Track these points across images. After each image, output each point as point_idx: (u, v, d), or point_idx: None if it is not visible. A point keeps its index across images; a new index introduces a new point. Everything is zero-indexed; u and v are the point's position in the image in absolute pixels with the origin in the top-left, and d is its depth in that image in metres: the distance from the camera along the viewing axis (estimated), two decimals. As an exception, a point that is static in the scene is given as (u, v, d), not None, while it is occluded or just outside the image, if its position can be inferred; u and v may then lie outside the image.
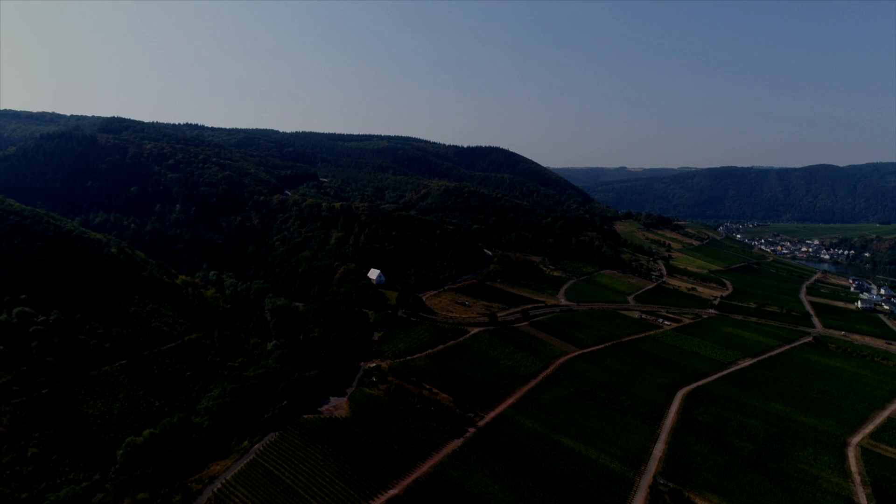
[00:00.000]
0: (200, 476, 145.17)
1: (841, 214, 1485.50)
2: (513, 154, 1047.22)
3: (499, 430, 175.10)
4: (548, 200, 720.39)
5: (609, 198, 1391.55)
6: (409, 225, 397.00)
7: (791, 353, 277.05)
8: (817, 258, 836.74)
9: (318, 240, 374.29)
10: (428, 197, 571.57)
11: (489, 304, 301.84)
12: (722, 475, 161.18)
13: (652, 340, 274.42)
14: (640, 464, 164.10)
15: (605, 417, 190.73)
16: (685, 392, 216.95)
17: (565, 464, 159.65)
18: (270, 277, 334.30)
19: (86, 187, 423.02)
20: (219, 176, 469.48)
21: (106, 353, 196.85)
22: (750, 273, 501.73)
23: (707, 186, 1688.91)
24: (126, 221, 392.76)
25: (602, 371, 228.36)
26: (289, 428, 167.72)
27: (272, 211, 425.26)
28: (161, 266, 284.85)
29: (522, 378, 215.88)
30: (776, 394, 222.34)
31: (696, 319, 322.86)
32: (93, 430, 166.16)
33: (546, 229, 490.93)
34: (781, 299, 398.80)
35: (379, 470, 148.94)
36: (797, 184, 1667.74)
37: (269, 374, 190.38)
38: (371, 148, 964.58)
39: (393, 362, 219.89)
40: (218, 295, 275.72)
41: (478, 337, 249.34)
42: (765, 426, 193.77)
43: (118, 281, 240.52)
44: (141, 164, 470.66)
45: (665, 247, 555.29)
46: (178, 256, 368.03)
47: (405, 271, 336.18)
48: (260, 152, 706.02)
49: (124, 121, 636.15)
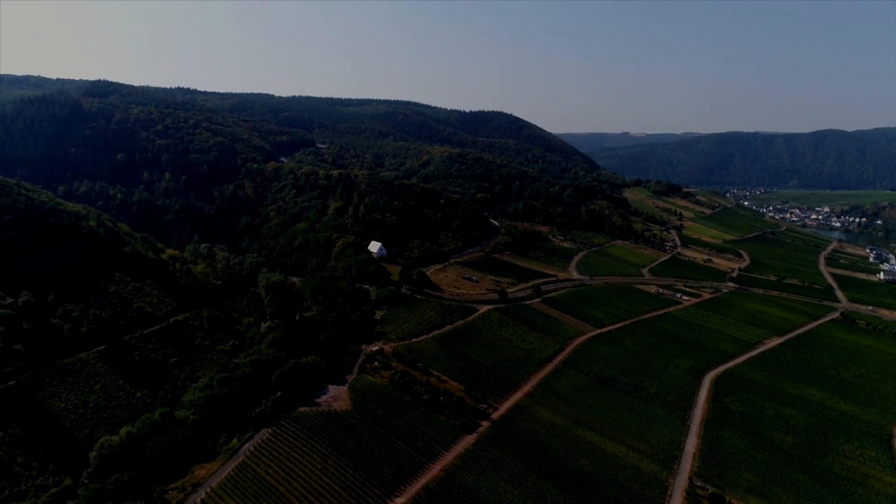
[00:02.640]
0: (183, 483, 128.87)
1: (848, 181, 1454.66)
2: (517, 119, 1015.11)
3: (515, 424, 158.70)
4: (554, 167, 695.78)
5: (612, 164, 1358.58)
6: (411, 194, 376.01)
7: (819, 331, 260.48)
8: (827, 226, 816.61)
9: (316, 210, 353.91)
10: (430, 164, 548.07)
11: (498, 279, 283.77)
12: (764, 475, 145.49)
13: (672, 318, 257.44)
14: (673, 462, 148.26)
15: (630, 407, 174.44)
16: (713, 376, 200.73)
17: (591, 463, 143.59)
18: (265, 251, 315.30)
19: (69, 154, 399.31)
20: (210, 142, 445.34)
21: (82, 339, 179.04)
22: (765, 243, 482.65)
23: (712, 152, 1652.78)
24: (112, 191, 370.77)
25: (623, 354, 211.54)
26: (283, 424, 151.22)
27: (266, 179, 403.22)
28: (146, 240, 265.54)
29: (537, 362, 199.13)
30: (810, 378, 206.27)
31: (716, 294, 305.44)
32: (65, 427, 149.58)
33: (554, 198, 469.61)
34: (801, 271, 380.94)
35: (384, 474, 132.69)
36: (804, 149, 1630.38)
37: (262, 362, 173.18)
38: (370, 113, 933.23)
39: (397, 345, 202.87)
40: (208, 271, 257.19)
41: (488, 316, 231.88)
42: (803, 416, 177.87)
43: (97, 257, 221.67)
44: (127, 130, 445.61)
45: (676, 215, 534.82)
46: (167, 228, 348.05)
47: (408, 244, 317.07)
48: (254, 117, 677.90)
49: (110, 84, 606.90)
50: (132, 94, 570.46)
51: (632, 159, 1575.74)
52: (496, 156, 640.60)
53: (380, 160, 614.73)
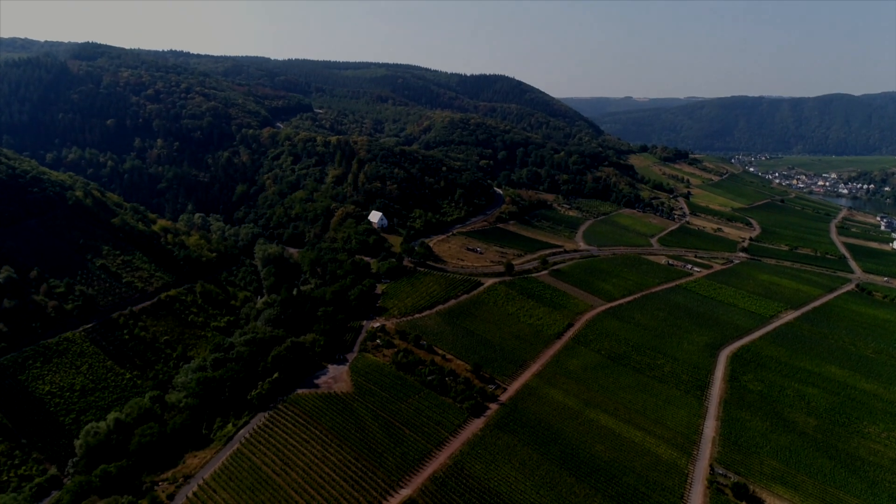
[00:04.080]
0: (174, 473, 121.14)
1: (854, 146, 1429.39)
2: (519, 83, 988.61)
3: (525, 407, 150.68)
4: (558, 133, 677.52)
5: (616, 129, 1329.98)
6: (412, 161, 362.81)
7: (835, 303, 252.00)
8: (835, 193, 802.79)
9: (313, 178, 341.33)
10: (431, 129, 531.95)
11: (503, 250, 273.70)
12: (787, 461, 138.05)
13: (684, 291, 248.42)
14: (692, 447, 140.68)
15: (645, 387, 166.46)
16: (729, 353, 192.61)
17: (606, 450, 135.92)
18: (261, 220, 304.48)
19: (56, 120, 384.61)
20: (203, 107, 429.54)
21: (67, 317, 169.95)
22: (775, 211, 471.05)
23: (716, 117, 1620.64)
24: (102, 158, 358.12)
25: (634, 329, 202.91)
26: (280, 408, 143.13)
27: (262, 146, 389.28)
28: (136, 210, 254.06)
29: (546, 339, 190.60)
30: (829, 354, 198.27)
31: (728, 265, 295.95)
32: (49, 412, 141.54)
33: (559, 165, 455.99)
34: (813, 240, 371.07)
35: (388, 463, 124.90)
36: (810, 114, 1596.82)
37: (258, 341, 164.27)
38: (368, 77, 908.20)
39: (399, 321, 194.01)
40: (202, 242, 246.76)
41: (493, 290, 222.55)
42: (825, 396, 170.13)
43: (84, 229, 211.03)
44: (117, 95, 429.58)
45: (684, 182, 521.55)
46: (160, 197, 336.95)
47: (409, 214, 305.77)
48: (249, 81, 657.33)
49: (99, 46, 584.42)
50: (122, 57, 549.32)
51: (635, 124, 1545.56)
52: (499, 121, 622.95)
53: (379, 125, 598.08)
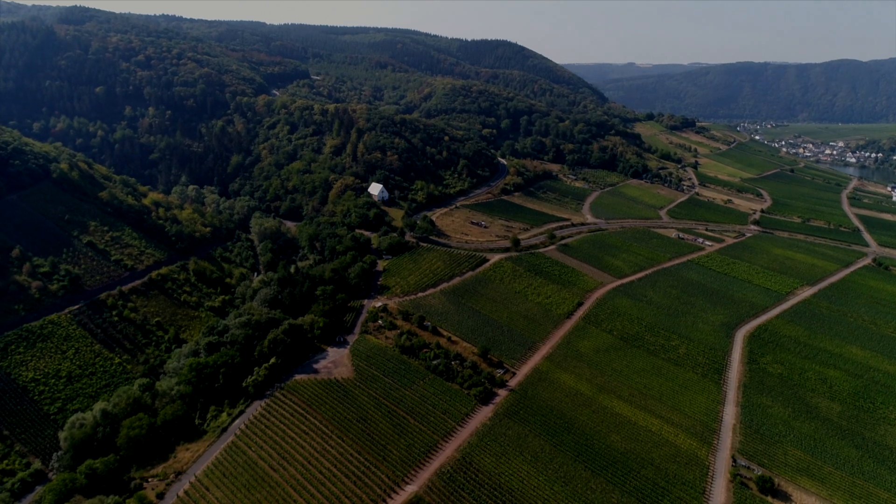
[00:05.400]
0: (165, 469, 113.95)
1: (860, 114, 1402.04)
2: (522, 49, 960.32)
3: (536, 394, 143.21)
4: (562, 100, 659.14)
5: (618, 96, 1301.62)
6: (413, 131, 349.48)
7: (852, 279, 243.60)
8: (842, 162, 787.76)
9: (311, 148, 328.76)
10: (432, 97, 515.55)
11: (508, 224, 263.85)
12: (812, 450, 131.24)
13: (696, 266, 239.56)
14: (712, 436, 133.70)
15: (660, 371, 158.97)
16: (746, 333, 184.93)
17: (622, 440, 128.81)
18: (257, 193, 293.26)
19: (44, 88, 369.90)
20: (196, 74, 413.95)
21: (52, 298, 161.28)
22: (785, 181, 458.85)
23: (721, 84, 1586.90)
24: (92, 127, 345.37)
25: (647, 308, 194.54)
26: (278, 395, 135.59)
27: (258, 114, 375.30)
28: (126, 183, 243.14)
29: (556, 319, 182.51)
30: (849, 334, 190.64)
31: (740, 238, 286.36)
32: (33, 401, 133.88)
33: (564, 134, 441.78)
34: (825, 212, 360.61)
35: (392, 457, 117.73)
36: (816, 81, 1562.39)
37: (254, 323, 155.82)
38: (367, 42, 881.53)
39: (402, 300, 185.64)
40: (195, 216, 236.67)
41: (500, 266, 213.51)
42: (848, 379, 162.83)
43: (70, 204, 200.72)
44: (106, 61, 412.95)
45: (691, 152, 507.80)
46: (153, 168, 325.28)
47: (411, 186, 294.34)
48: (244, 47, 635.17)
49: (87, 10, 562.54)
50: (111, 22, 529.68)
51: (638, 91, 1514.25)
52: (501, 88, 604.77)
53: (378, 93, 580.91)
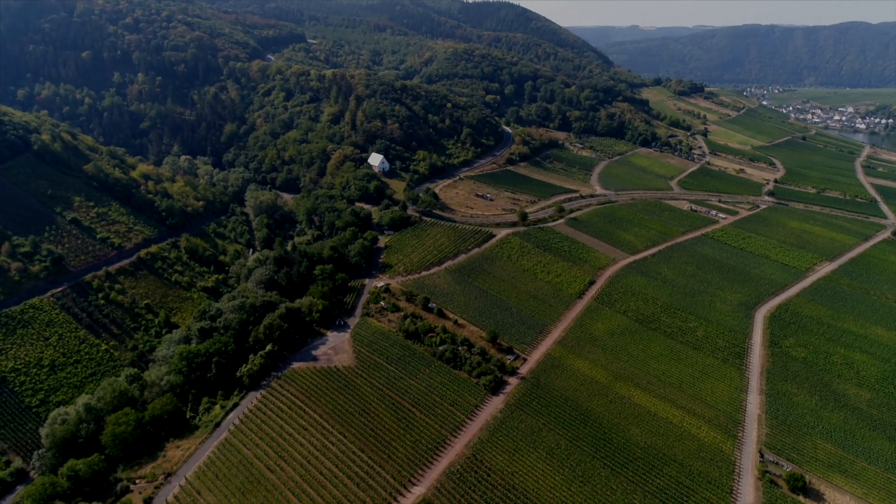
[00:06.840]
0: (153, 469, 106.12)
1: (868, 78, 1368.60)
2: (524, 10, 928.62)
3: (549, 382, 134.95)
4: (567, 64, 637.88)
5: (622, 60, 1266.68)
6: (414, 98, 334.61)
7: (873, 254, 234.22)
8: (851, 128, 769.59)
9: (308, 117, 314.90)
10: (433, 61, 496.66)
11: (515, 196, 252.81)
12: (844, 444, 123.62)
13: (711, 241, 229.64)
14: (736, 428, 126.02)
15: (678, 356, 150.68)
16: (766, 313, 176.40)
17: (643, 433, 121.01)
18: (252, 163, 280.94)
19: (27, 53, 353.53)
20: (186, 38, 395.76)
21: (33, 280, 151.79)
22: (797, 149, 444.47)
23: (727, 47, 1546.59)
24: (79, 95, 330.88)
25: (662, 287, 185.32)
26: (274, 385, 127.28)
27: (252, 80, 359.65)
28: (114, 155, 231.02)
29: (567, 299, 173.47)
30: (873, 314, 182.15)
31: (754, 210, 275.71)
32: (13, 392, 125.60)
33: (570, 100, 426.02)
34: (840, 182, 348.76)
35: (397, 454, 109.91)
36: (825, 44, 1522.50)
37: (249, 307, 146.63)
38: (365, 4, 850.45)
39: (405, 280, 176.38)
40: (187, 189, 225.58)
41: (507, 242, 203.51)
42: (875, 363, 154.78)
43: (53, 178, 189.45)
44: (92, 24, 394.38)
45: (700, 119, 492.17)
46: (143, 136, 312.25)
47: (413, 156, 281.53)
48: (237, 9, 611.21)
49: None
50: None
51: (643, 55, 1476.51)
52: (504, 52, 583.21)
53: (377, 57, 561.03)
